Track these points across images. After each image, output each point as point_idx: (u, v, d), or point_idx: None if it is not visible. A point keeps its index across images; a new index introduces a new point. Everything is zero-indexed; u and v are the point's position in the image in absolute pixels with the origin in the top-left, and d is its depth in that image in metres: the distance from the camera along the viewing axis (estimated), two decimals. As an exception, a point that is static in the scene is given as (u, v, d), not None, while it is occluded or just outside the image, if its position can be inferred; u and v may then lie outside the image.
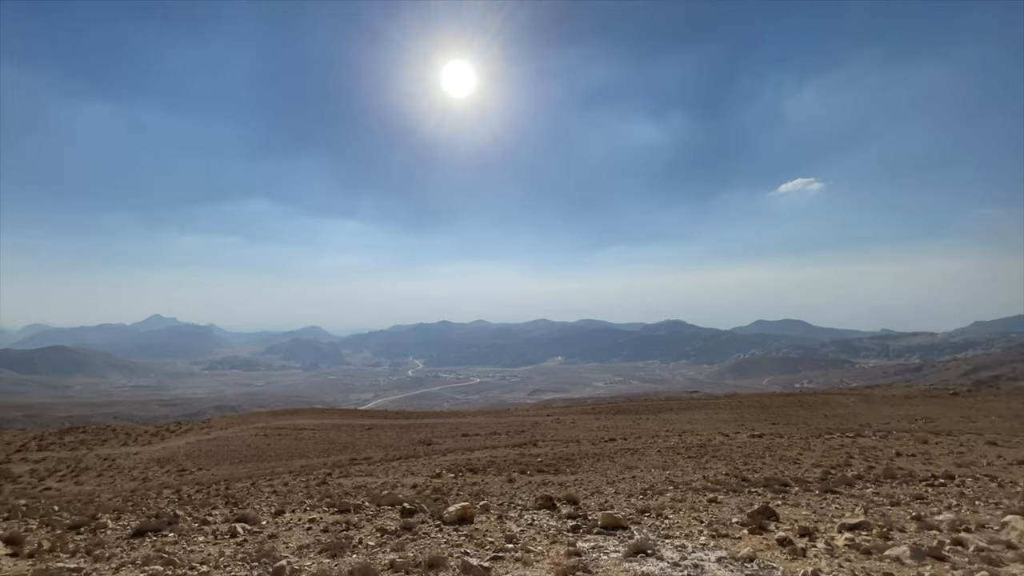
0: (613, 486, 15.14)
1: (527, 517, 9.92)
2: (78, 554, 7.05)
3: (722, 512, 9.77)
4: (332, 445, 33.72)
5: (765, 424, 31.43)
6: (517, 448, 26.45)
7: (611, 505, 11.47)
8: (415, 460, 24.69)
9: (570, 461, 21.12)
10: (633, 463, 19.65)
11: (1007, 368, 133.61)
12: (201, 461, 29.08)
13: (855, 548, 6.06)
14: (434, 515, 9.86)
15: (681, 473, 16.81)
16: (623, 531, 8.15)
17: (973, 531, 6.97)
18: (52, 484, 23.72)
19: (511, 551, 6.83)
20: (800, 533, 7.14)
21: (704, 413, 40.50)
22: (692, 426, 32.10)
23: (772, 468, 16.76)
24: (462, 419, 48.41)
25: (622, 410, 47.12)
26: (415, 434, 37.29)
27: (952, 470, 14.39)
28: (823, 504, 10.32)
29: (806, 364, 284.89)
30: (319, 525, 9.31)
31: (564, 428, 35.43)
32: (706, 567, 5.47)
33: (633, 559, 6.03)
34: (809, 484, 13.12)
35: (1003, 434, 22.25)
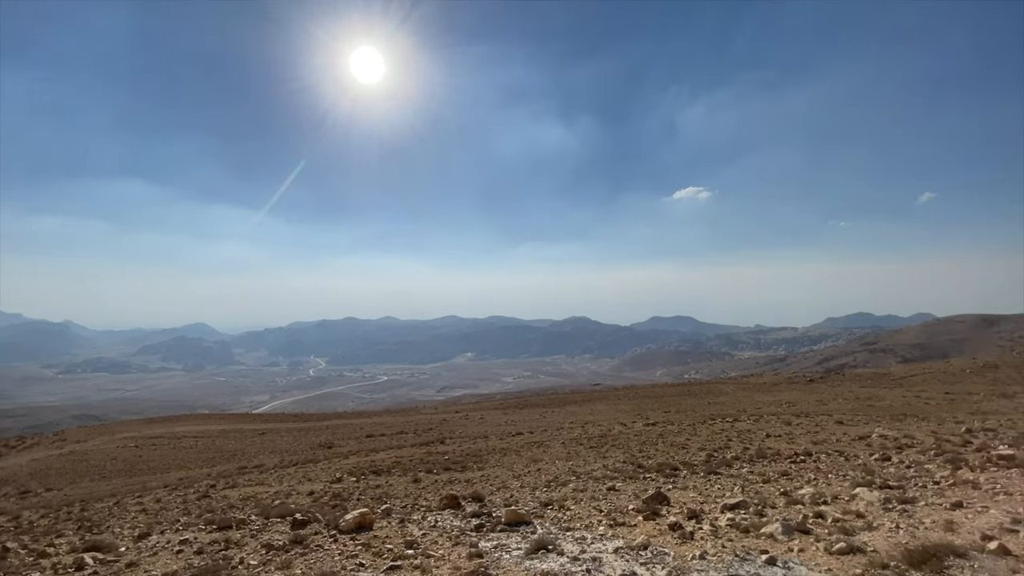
0: (519, 480, 15.28)
1: (431, 519, 9.63)
2: None
3: (620, 500, 10.20)
4: (219, 454, 30.73)
5: (658, 413, 33.76)
6: (424, 447, 25.91)
7: (516, 500, 11.52)
8: (314, 465, 23.22)
9: (477, 457, 21.06)
10: (539, 456, 20.04)
11: (851, 358, 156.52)
12: (51, 480, 24.99)
13: (736, 527, 6.57)
14: (330, 524, 9.21)
15: (583, 463, 17.42)
16: (526, 526, 8.16)
17: (830, 503, 7.89)
18: None
19: (410, 558, 6.52)
20: (689, 516, 7.61)
21: (605, 404, 42.63)
22: (594, 417, 33.59)
23: (664, 454, 17.93)
24: (367, 419, 46.58)
25: (529, 404, 48.19)
26: (315, 437, 35.17)
27: (810, 448, 16.34)
28: (708, 486, 11.17)
29: (694, 357, 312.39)
30: (192, 547, 8.27)
31: (472, 424, 35.40)
32: (604, 559, 5.60)
33: (534, 556, 6.01)
34: (696, 467, 14.19)
35: (848, 414, 25.85)
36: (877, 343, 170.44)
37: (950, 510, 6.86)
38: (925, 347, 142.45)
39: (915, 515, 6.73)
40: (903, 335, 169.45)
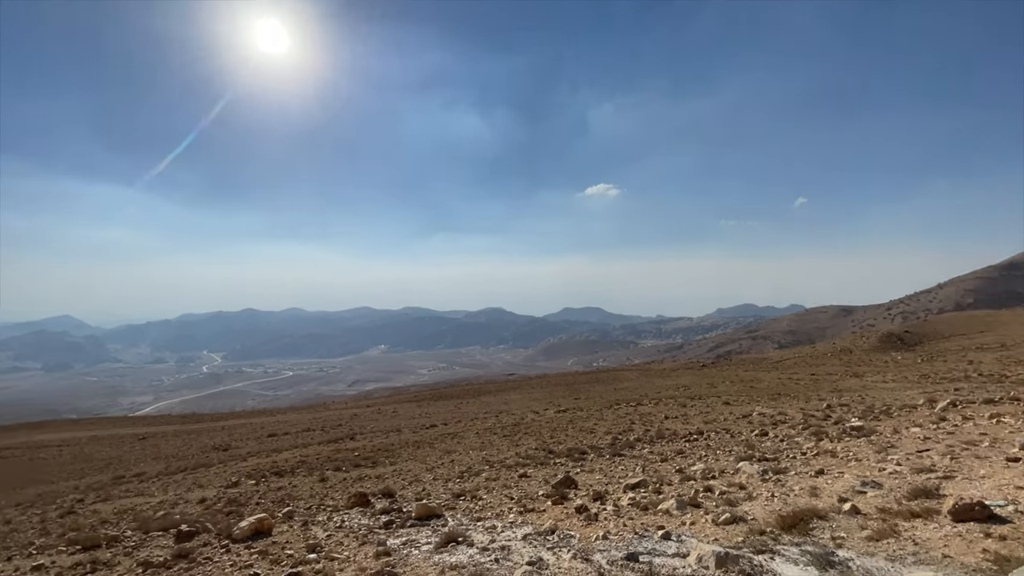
0: (432, 472, 15.11)
1: (337, 519, 9.20)
2: None
3: (531, 486, 10.44)
4: (88, 463, 27.17)
5: (569, 400, 35.10)
6: (332, 444, 24.77)
7: (428, 493, 11.37)
8: (206, 470, 21.28)
9: (390, 452, 20.54)
10: (453, 447, 19.97)
11: (736, 344, 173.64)
12: None
13: (636, 506, 6.98)
14: (222, 533, 8.45)
15: (497, 452, 17.63)
16: (438, 520, 8.07)
17: (717, 477, 8.66)
18: None
19: (312, 563, 6.17)
20: (594, 498, 7.97)
21: (519, 394, 43.51)
22: (508, 406, 34.15)
23: (574, 439, 18.67)
24: (270, 418, 43.66)
25: (444, 396, 47.90)
26: (208, 439, 32.27)
27: (702, 427, 17.86)
28: (612, 467, 11.79)
29: (602, 346, 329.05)
30: (48, 573, 7.19)
31: (385, 418, 34.47)
32: (513, 547, 5.67)
33: (444, 549, 5.95)
34: (602, 451, 14.93)
35: (733, 395, 28.63)
36: (758, 331, 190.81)
37: (814, 477, 7.82)
38: (796, 334, 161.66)
39: (787, 484, 7.58)
40: (778, 324, 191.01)
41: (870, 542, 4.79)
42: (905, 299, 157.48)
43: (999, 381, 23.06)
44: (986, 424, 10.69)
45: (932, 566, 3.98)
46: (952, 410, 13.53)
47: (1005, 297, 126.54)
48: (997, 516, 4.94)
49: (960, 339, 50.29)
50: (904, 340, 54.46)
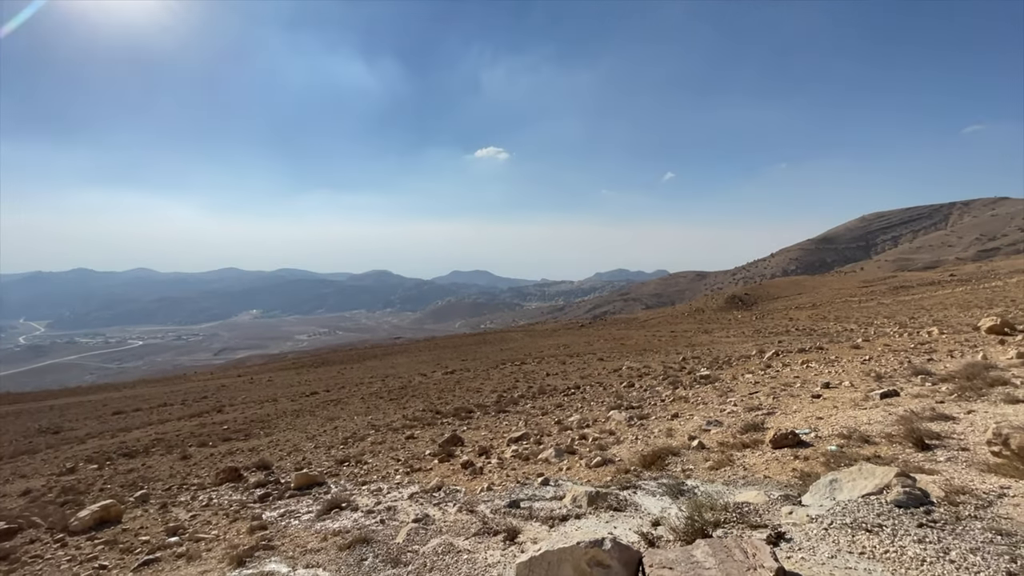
0: (313, 441, 14.50)
1: (203, 497, 8.49)
2: None
3: (418, 447, 10.53)
4: None
5: (456, 361, 35.62)
6: (196, 418, 22.48)
7: (309, 462, 10.92)
8: (29, 457, 18.10)
9: (264, 423, 19.22)
10: (336, 414, 19.29)
11: (611, 306, 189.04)
12: None
13: (519, 457, 7.40)
14: (55, 526, 7.33)
15: (383, 416, 17.40)
16: (319, 488, 7.81)
17: (591, 426, 9.49)
18: None
19: (173, 547, 5.64)
20: (480, 453, 8.28)
21: (406, 357, 43.08)
22: (395, 370, 33.70)
23: (461, 399, 19.08)
24: (114, 393, 38.21)
25: (326, 362, 45.75)
26: (31, 422, 27.35)
27: (579, 382, 19.31)
28: (498, 423, 12.30)
29: (489, 308, 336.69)
30: None
31: (259, 388, 32.04)
32: (399, 507, 5.71)
33: (326, 516, 5.80)
34: (488, 408, 15.47)
35: (607, 352, 31.32)
36: (629, 294, 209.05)
37: (671, 420, 8.93)
38: (661, 296, 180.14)
39: (648, 427, 8.56)
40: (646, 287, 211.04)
41: (711, 471, 5.64)
42: (747, 266, 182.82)
43: (809, 334, 28.07)
44: (799, 369, 13.00)
45: (757, 486, 4.81)
46: (776, 359, 16.20)
47: (818, 265, 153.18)
48: (803, 442, 6.11)
49: (784, 300, 59.96)
50: (744, 301, 63.47)
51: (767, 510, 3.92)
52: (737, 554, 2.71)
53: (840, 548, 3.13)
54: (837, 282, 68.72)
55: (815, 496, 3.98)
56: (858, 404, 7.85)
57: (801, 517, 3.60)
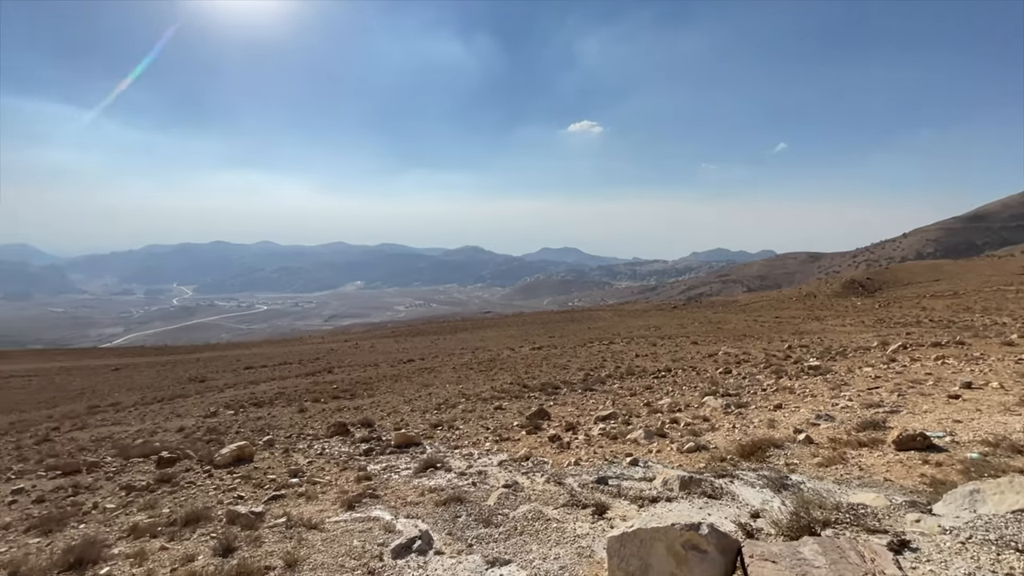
0: (410, 404, 15.53)
1: (317, 446, 9.47)
2: None
3: (506, 417, 10.87)
4: (60, 393, 26.97)
5: (544, 337, 35.97)
6: (310, 376, 25.05)
7: (406, 423, 11.74)
8: (183, 400, 21.38)
9: (367, 385, 20.93)
10: (429, 381, 20.46)
11: (708, 287, 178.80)
12: None
13: (606, 436, 7.36)
14: (203, 459, 8.64)
15: (473, 386, 18.15)
16: (416, 447, 8.39)
17: (683, 411, 9.15)
18: None
19: (295, 486, 6.39)
20: (566, 428, 8.35)
21: (495, 331, 44.32)
22: (484, 343, 34.86)
23: (547, 375, 19.30)
24: (245, 351, 43.64)
25: (421, 332, 48.46)
26: (183, 371, 32.24)
27: (670, 364, 18.64)
28: (584, 401, 12.30)
29: (578, 286, 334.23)
30: (29, 496, 7.28)
31: (363, 353, 34.84)
32: (489, 472, 5.97)
33: (423, 474, 6.21)
34: (574, 385, 15.51)
35: (701, 336, 29.80)
36: (729, 275, 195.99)
37: (772, 411, 8.33)
38: (765, 279, 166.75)
39: (747, 416, 8.07)
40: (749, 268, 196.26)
41: (821, 467, 5.20)
42: (871, 247, 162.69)
43: (947, 326, 24.50)
44: (932, 365, 11.44)
45: (875, 488, 4.36)
46: (902, 352, 14.38)
47: (964, 248, 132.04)
48: (936, 446, 5.40)
49: (917, 287, 52.72)
50: (865, 287, 56.78)
51: (888, 515, 3.54)
52: (852, 556, 2.48)
53: (980, 566, 2.75)
54: (988, 267, 58.95)
55: (950, 506, 3.51)
56: (1009, 409, 6.76)
57: (931, 527, 3.21)
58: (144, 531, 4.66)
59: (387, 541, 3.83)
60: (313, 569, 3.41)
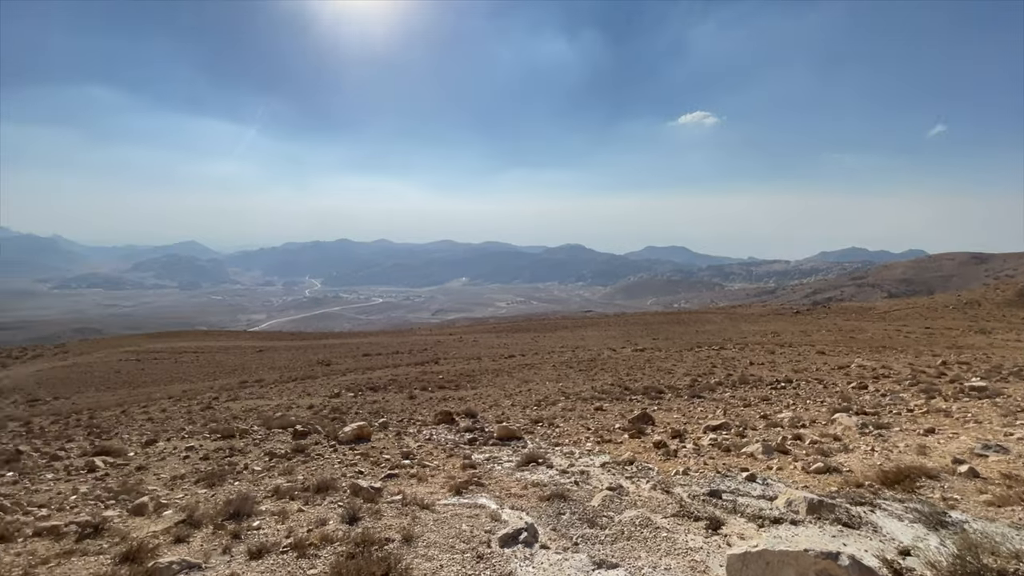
0: (510, 399, 15.89)
1: (426, 432, 10.06)
2: None
3: (607, 419, 10.66)
4: (219, 368, 31.55)
5: (647, 339, 34.69)
6: (419, 366, 26.68)
7: (507, 417, 12.02)
8: (312, 381, 23.95)
9: (471, 377, 21.78)
10: (530, 377, 20.74)
11: (838, 291, 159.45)
12: (58, 389, 25.72)
13: (717, 447, 6.89)
14: (329, 435, 9.62)
15: (572, 385, 18.07)
16: (517, 441, 8.55)
17: (808, 427, 8.26)
18: None
19: (407, 467, 6.84)
20: (672, 435, 7.97)
21: (595, 331, 43.67)
22: (584, 342, 34.51)
23: (650, 378, 18.59)
24: (363, 339, 47.64)
25: (522, 329, 49.30)
26: (313, 355, 36.06)
27: (791, 375, 16.96)
28: (691, 408, 11.65)
29: (685, 286, 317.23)
30: (198, 453, 8.64)
31: (466, 346, 36.31)
32: (591, 472, 5.89)
33: (525, 468, 6.31)
34: (680, 391, 14.76)
35: (830, 345, 26.70)
36: (866, 277, 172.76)
37: (923, 436, 7.21)
38: (912, 283, 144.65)
39: (889, 439, 7.06)
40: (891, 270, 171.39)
41: (990, 507, 4.38)
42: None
43: None
44: None
45: (1068, 540, 3.57)
46: (1108, 376, 11.66)
47: None
48: None
49: None
50: (1052, 295, 46.84)
51: (1091, 575, 2.87)
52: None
53: None
54: None
55: None
56: None
57: None
58: (285, 493, 5.29)
59: (494, 529, 3.95)
60: (427, 547, 3.63)
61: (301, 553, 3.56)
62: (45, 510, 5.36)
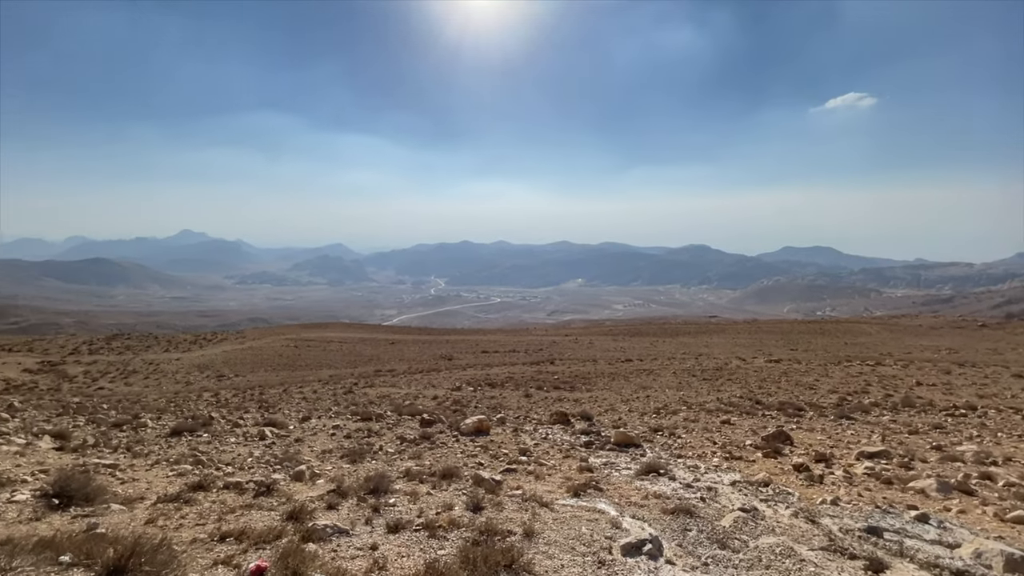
0: (627, 404, 15.45)
1: (541, 431, 10.18)
2: (119, 450, 7.49)
3: (735, 434, 9.84)
4: (358, 357, 35.19)
5: (783, 350, 31.38)
6: (535, 365, 27.13)
7: (624, 423, 11.69)
8: (436, 374, 25.63)
9: (586, 379, 21.60)
10: (648, 383, 19.96)
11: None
12: (237, 368, 30.79)
13: (875, 477, 5.97)
14: (452, 426, 10.21)
15: (695, 394, 17.01)
16: (635, 449, 8.27)
17: (1001, 464, 6.80)
18: (104, 384, 25.55)
19: (524, 464, 6.98)
20: (816, 459, 7.09)
21: (722, 337, 40.60)
22: (709, 350, 32.27)
23: (787, 393, 16.79)
24: (482, 337, 49.74)
25: (640, 332, 47.61)
26: (437, 349, 38.57)
27: (974, 401, 14.15)
28: (838, 430, 10.28)
29: (831, 292, 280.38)
30: (343, 431, 9.73)
31: (582, 348, 36.09)
32: (720, 490, 5.46)
33: (645, 477, 6.07)
34: (824, 410, 13.11)
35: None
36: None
37: None
38: None
39: (1126, 491, 5.53)
40: None
41: None
42: None
43: None
44: None
45: None
46: None
47: None
48: None
49: None
50: None
51: None
52: None
53: None
54: None
55: None
56: None
57: None
58: (415, 476, 5.72)
59: (615, 536, 3.86)
60: (548, 545, 3.67)
61: (432, 533, 3.82)
62: (230, 468, 6.43)
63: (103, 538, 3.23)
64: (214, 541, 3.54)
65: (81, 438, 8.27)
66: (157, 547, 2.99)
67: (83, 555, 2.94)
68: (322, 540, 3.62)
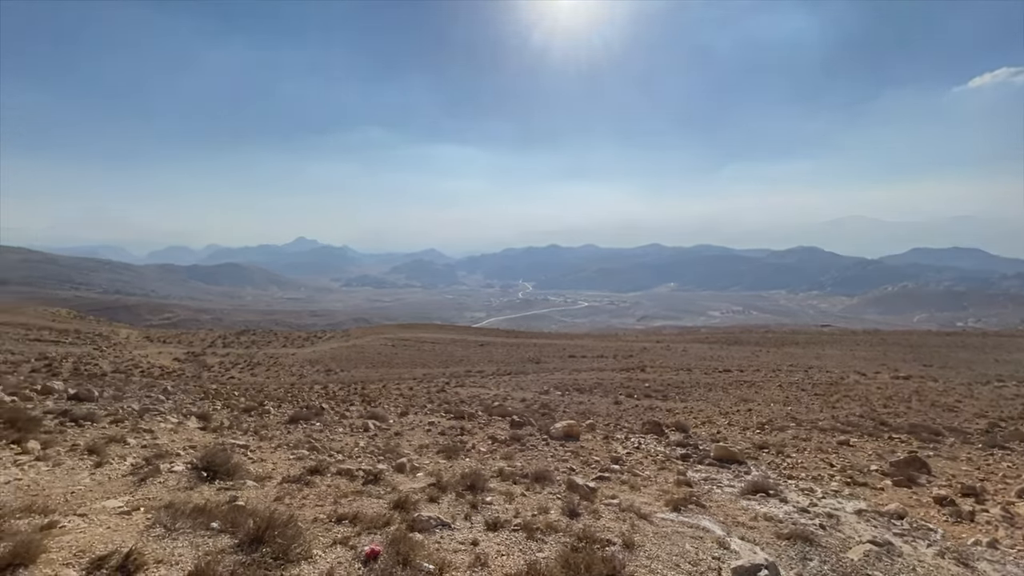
0: (726, 417, 14.50)
1: (633, 440, 9.87)
2: (248, 432, 8.44)
3: (856, 457, 8.83)
4: (450, 358, 36.58)
5: (914, 365, 27.65)
6: (624, 372, 26.41)
7: (724, 437, 10.98)
8: (524, 376, 25.89)
9: (680, 388, 20.62)
10: (749, 396, 18.60)
11: None
12: (343, 364, 33.41)
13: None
14: (541, 429, 10.23)
15: (805, 410, 15.55)
16: (738, 465, 7.72)
17: None
18: (235, 374, 29.01)
19: (617, 472, 6.80)
20: (963, 493, 6.15)
21: (837, 349, 36.72)
22: (821, 362, 29.34)
23: (921, 414, 14.77)
24: (570, 341, 49.43)
25: (739, 341, 44.53)
26: (525, 352, 38.97)
27: None
28: (990, 461, 8.84)
29: (975, 299, 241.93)
30: (437, 428, 10.15)
31: (674, 355, 34.51)
32: (842, 518, 4.91)
33: (752, 497, 5.64)
34: (969, 436, 11.36)
35: None
36: None
37: None
38: None
39: None
40: None
41: None
42: None
43: None
44: None
45: None
46: None
47: None
48: None
49: None
50: None
51: None
52: None
53: None
54: None
55: None
56: None
57: None
58: (508, 476, 5.81)
59: (723, 557, 3.61)
60: (649, 559, 3.53)
61: (530, 535, 3.85)
62: (340, 455, 6.98)
63: (243, 510, 3.65)
64: (332, 522, 3.86)
65: (219, 420, 9.43)
66: (287, 522, 3.33)
67: (229, 523, 3.36)
68: (426, 531, 3.80)
